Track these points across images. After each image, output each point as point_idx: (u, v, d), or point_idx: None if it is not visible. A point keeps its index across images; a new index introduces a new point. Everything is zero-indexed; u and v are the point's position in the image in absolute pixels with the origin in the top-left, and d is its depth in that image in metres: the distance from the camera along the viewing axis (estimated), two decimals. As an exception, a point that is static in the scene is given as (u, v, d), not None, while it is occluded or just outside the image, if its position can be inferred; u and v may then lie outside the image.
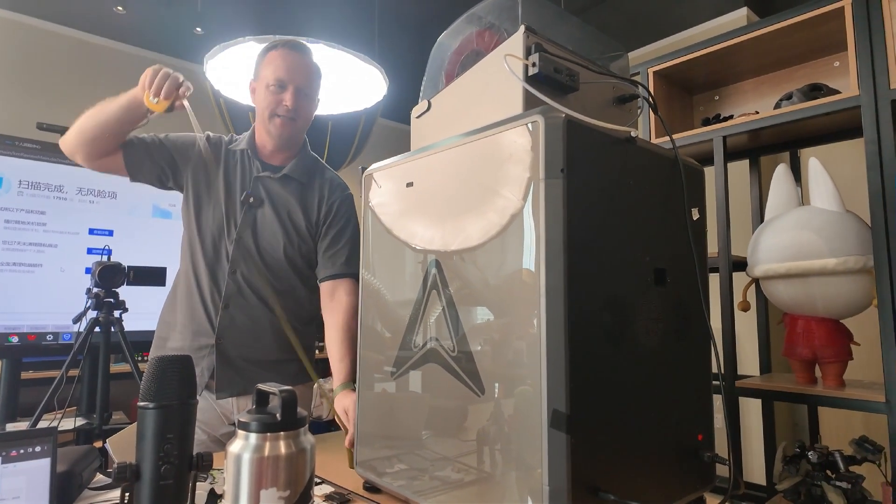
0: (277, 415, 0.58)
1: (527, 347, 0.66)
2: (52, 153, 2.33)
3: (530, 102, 0.78)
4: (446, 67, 0.97)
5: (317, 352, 3.78)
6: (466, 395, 0.74)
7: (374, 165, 0.98)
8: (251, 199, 1.32)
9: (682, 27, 3.66)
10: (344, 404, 1.14)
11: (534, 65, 0.78)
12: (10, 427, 2.02)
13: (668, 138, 1.68)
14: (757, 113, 1.53)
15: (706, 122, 1.78)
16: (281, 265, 1.34)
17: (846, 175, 1.88)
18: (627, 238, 0.75)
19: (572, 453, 0.62)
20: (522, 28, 0.79)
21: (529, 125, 0.69)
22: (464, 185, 0.79)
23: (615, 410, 0.70)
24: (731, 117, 1.72)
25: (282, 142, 1.35)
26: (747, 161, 1.87)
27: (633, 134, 0.74)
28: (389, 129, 5.15)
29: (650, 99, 0.88)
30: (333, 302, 1.34)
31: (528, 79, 0.78)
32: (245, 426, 0.59)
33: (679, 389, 0.83)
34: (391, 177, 0.93)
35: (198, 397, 0.62)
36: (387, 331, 0.91)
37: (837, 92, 1.44)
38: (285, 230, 1.34)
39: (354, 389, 1.30)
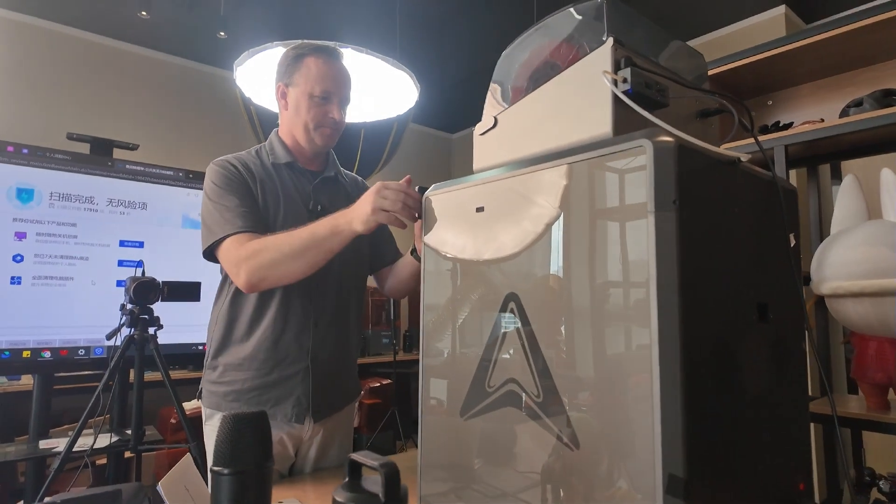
0: (380, 494, 0.52)
1: (634, 401, 0.59)
2: (82, 164, 2.30)
3: (620, 121, 0.71)
4: (514, 82, 0.90)
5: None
6: (558, 448, 0.68)
7: (434, 187, 0.92)
8: (319, 208, 1.30)
9: (716, 26, 3.56)
10: None
11: (625, 80, 0.71)
12: (44, 444, 2.00)
13: (724, 146, 1.59)
14: (822, 120, 1.44)
15: (764, 130, 1.69)
16: (358, 267, 1.36)
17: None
18: (733, 272, 0.68)
19: (691, 523, 0.55)
20: (611, 40, 0.72)
21: (635, 150, 0.62)
22: (547, 214, 0.72)
23: (729, 467, 0.63)
24: (791, 124, 1.63)
25: (324, 150, 1.37)
26: (801, 171, 1.77)
27: (742, 158, 0.67)
28: (414, 132, 5.08)
29: (748, 113, 0.80)
30: (398, 272, 1.40)
31: (617, 96, 0.71)
32: None
33: (782, 435, 0.75)
34: (457, 200, 0.87)
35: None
36: (456, 365, 0.85)
37: (912, 97, 1.35)
38: None
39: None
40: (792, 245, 0.81)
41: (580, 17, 0.81)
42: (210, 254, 1.22)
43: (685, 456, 0.56)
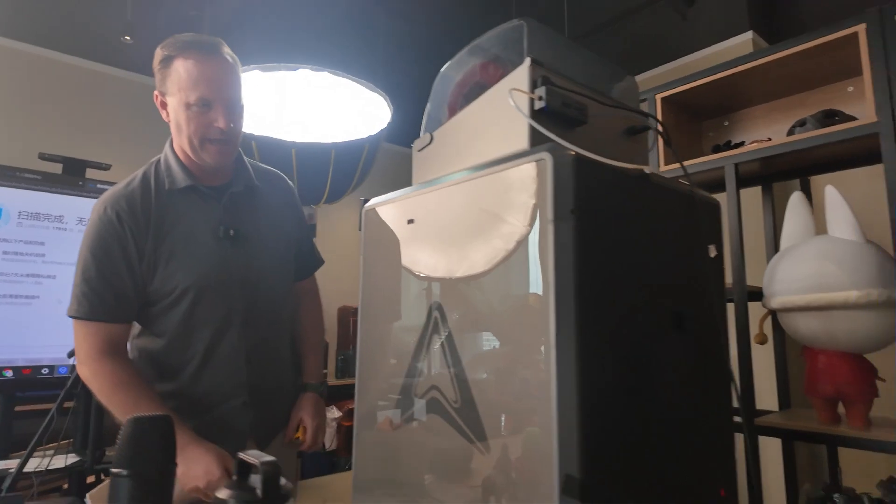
0: (258, 490, 0.52)
1: (537, 407, 0.61)
2: (52, 183, 2.31)
3: (537, 137, 0.74)
4: (449, 100, 0.93)
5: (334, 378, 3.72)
6: (470, 451, 0.69)
7: (374, 200, 0.94)
8: (232, 233, 1.14)
9: (687, 51, 3.66)
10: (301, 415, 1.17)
11: (540, 98, 0.74)
12: (2, 465, 1.97)
13: (677, 165, 1.64)
14: (770, 139, 1.49)
15: (716, 149, 1.74)
16: (285, 286, 1.27)
17: (858, 203, 1.83)
18: (644, 281, 0.70)
19: (588, 523, 0.56)
20: (528, 60, 0.76)
21: (537, 163, 0.64)
22: (466, 225, 0.74)
23: (632, 471, 0.64)
24: (742, 143, 1.67)
25: (222, 165, 1.16)
26: (758, 188, 1.82)
27: (646, 171, 0.70)
28: (394, 152, 5.15)
29: (663, 131, 0.84)
30: (308, 296, 1.35)
31: (535, 113, 0.74)
32: None
33: (700, 441, 0.77)
34: (392, 212, 0.89)
35: None
36: (386, 374, 0.86)
37: (852, 118, 1.39)
38: (277, 248, 1.24)
39: (321, 395, 1.31)
40: (713, 256, 0.84)
41: (506, 39, 0.85)
42: None
43: (581, 457, 0.57)
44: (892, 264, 1.26)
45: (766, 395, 2.70)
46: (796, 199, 1.50)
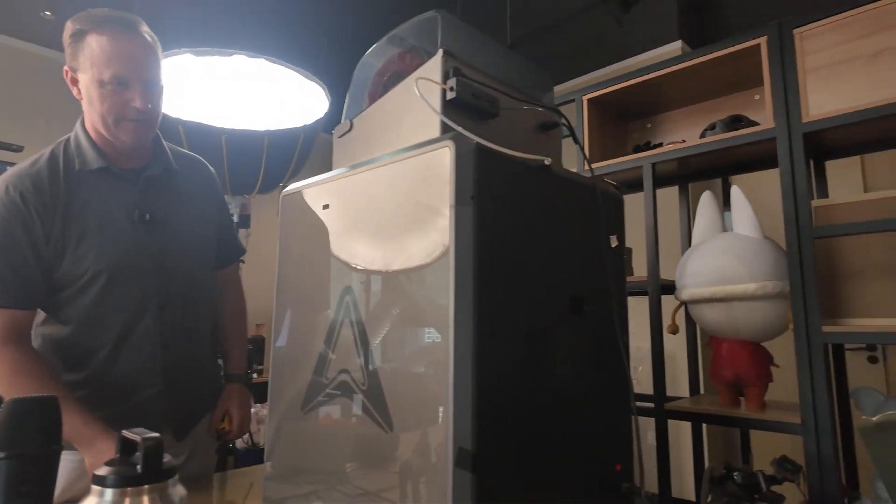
0: (139, 466, 0.52)
1: (436, 383, 0.64)
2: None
3: (448, 127, 0.76)
4: (369, 88, 0.95)
5: (255, 376, 3.64)
6: (376, 432, 0.71)
7: (291, 186, 0.94)
8: (147, 217, 1.11)
9: (621, 57, 3.81)
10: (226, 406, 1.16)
11: (451, 89, 0.76)
12: None
13: (601, 164, 1.71)
14: (684, 141, 1.58)
15: (637, 149, 1.83)
16: (205, 272, 1.24)
17: (772, 201, 1.97)
18: (543, 266, 0.74)
19: (478, 494, 0.59)
20: (441, 52, 0.78)
21: (441, 151, 0.67)
22: (378, 210, 0.76)
23: (529, 445, 0.68)
24: (660, 145, 1.77)
25: (138, 145, 1.13)
26: (677, 187, 1.93)
27: (546, 162, 0.74)
28: (329, 143, 5.10)
29: (569, 125, 0.88)
30: (230, 285, 1.33)
31: (446, 103, 0.77)
32: (100, 481, 0.52)
33: (597, 419, 0.82)
34: (308, 198, 0.90)
35: None
36: (299, 360, 0.87)
37: (757, 124, 1.50)
38: (196, 233, 1.21)
39: (246, 385, 1.30)
40: (614, 246, 0.89)
41: (422, 30, 0.87)
42: None
43: (474, 431, 0.60)
44: (786, 258, 1.37)
45: (684, 383, 2.87)
46: (706, 199, 1.60)
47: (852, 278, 1.35)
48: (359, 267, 0.77)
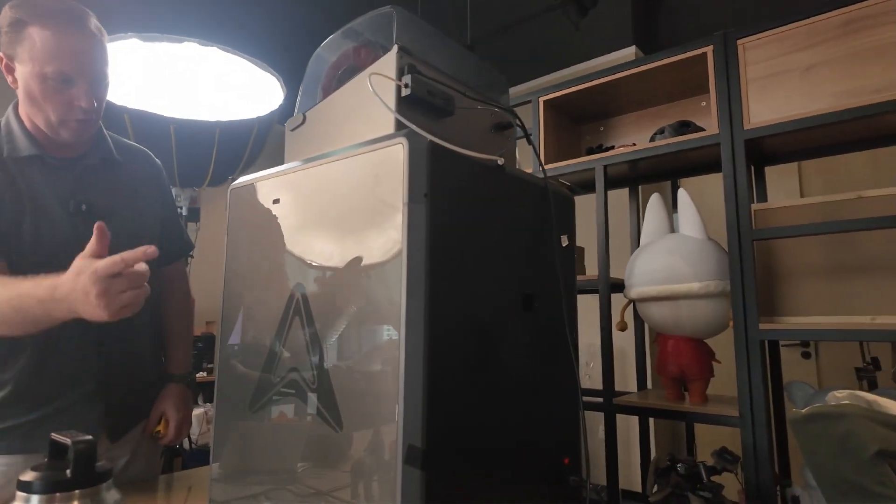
0: (69, 470, 0.49)
1: (387, 380, 0.63)
2: None
3: (402, 124, 0.76)
4: (323, 81, 0.93)
5: (205, 374, 3.53)
6: (327, 431, 0.70)
7: (240, 179, 0.92)
8: (83, 208, 1.05)
9: (577, 60, 3.89)
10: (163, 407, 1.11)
11: (406, 86, 0.76)
12: None
13: (555, 165, 1.75)
14: (634, 145, 1.63)
15: (590, 151, 1.87)
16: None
17: (716, 204, 2.06)
18: (495, 265, 0.75)
19: (428, 491, 0.60)
20: (396, 48, 0.78)
21: (394, 148, 0.66)
22: (330, 206, 0.75)
23: (479, 441, 0.69)
24: (612, 147, 1.82)
25: (81, 141, 1.09)
26: (627, 189, 1.99)
27: (500, 162, 0.75)
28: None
29: (523, 126, 0.89)
30: (176, 282, 1.28)
31: (401, 100, 0.77)
32: (26, 487, 0.49)
33: (546, 414, 0.83)
34: (258, 192, 0.88)
35: None
36: (248, 358, 0.85)
37: (703, 129, 1.57)
38: (137, 226, 1.16)
39: (187, 386, 1.26)
40: (564, 245, 0.91)
41: (377, 25, 0.86)
42: None
43: (424, 428, 0.60)
44: (727, 259, 1.44)
45: (633, 379, 2.96)
46: (654, 201, 1.66)
47: (788, 278, 1.42)
48: (310, 263, 0.76)
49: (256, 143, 2.22)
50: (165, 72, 2.19)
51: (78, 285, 0.80)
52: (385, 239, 0.66)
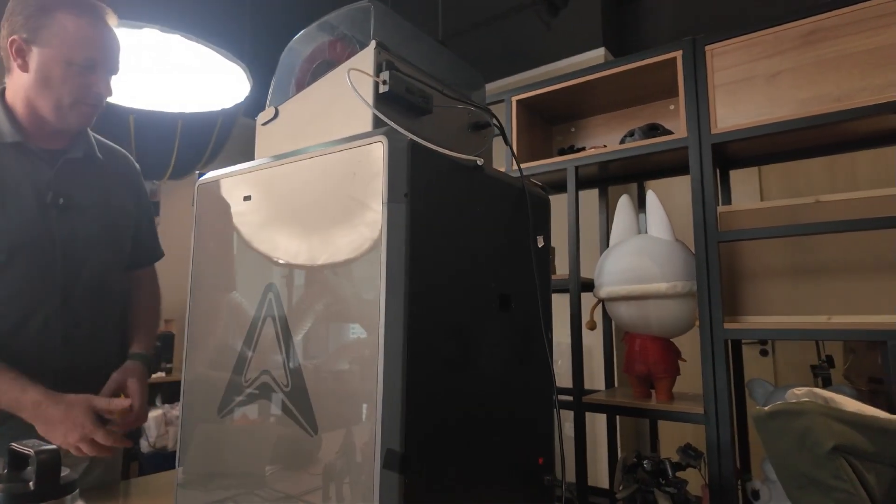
0: (31, 483, 0.46)
1: (362, 380, 0.62)
2: None
3: (379, 121, 0.74)
4: (297, 75, 0.91)
5: (164, 374, 3.42)
6: (299, 433, 0.68)
7: (209, 174, 0.88)
8: (61, 202, 1.04)
9: (548, 61, 3.92)
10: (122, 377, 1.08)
11: (384, 83, 0.74)
12: None
13: (528, 165, 1.75)
14: (605, 146, 1.65)
15: (562, 152, 1.89)
16: (117, 269, 1.16)
17: (683, 205, 2.11)
18: (473, 264, 0.74)
19: (406, 494, 0.59)
20: (373, 43, 0.76)
21: (373, 146, 0.65)
22: (304, 203, 0.73)
23: (457, 443, 0.68)
24: (583, 148, 1.84)
25: (83, 129, 1.11)
26: (597, 190, 2.01)
27: (479, 162, 0.74)
28: (251, 128, 4.88)
29: (500, 126, 0.89)
30: (145, 282, 1.26)
31: (379, 97, 0.75)
32: None
33: (521, 414, 0.83)
34: (228, 188, 0.85)
35: None
36: (216, 360, 0.82)
37: (671, 132, 1.60)
38: (111, 226, 1.14)
39: (146, 366, 1.19)
40: (540, 246, 0.91)
41: (353, 19, 0.84)
42: None
43: (402, 432, 0.59)
44: (694, 260, 1.47)
45: (601, 377, 3.01)
46: (623, 202, 1.68)
47: (751, 279, 1.46)
48: (282, 261, 0.74)
49: (221, 136, 2.15)
50: (124, 60, 2.10)
51: (43, 424, 0.90)
52: (361, 237, 0.65)
